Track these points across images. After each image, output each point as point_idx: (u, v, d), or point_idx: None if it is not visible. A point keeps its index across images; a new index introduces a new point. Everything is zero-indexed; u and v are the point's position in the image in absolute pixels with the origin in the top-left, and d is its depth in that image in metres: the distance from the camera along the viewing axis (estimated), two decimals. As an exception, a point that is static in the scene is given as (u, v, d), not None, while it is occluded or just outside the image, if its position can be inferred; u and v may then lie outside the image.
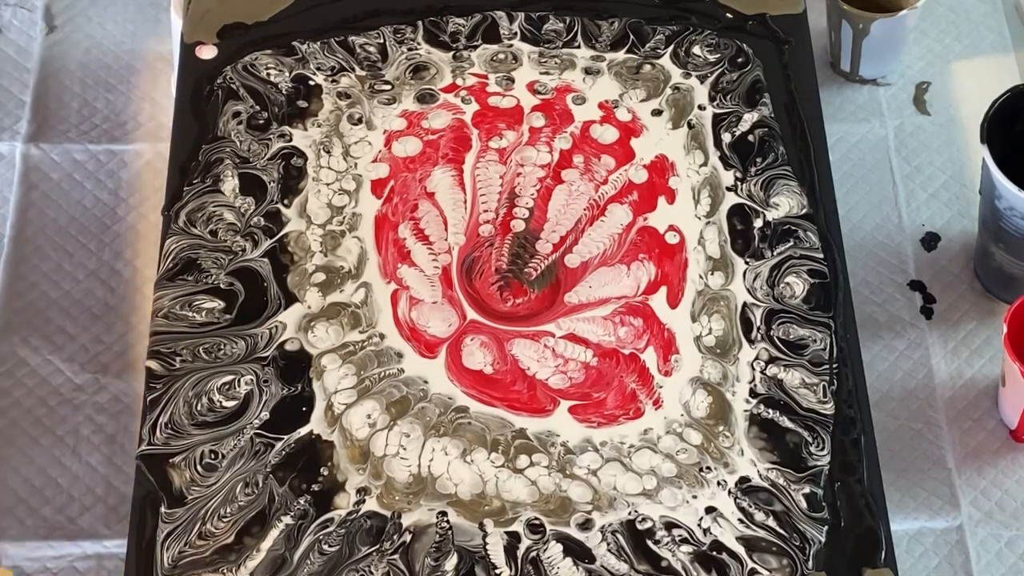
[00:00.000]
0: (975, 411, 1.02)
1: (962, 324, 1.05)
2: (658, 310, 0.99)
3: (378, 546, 0.91)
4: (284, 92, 1.07)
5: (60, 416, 1.01)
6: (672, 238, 1.01)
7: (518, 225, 1.02)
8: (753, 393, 0.96)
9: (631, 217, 1.02)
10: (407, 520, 0.92)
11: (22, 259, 1.08)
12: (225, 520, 0.92)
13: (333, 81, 1.07)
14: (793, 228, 1.01)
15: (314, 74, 1.08)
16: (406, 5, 1.11)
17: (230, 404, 0.95)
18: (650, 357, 0.97)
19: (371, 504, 0.92)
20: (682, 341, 0.98)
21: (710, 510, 0.92)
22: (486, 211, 1.02)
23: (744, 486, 0.93)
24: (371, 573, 0.90)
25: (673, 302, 0.99)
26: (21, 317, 1.06)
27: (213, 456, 0.94)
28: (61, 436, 1.00)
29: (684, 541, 0.91)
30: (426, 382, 0.96)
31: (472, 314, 0.99)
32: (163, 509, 0.92)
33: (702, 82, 1.07)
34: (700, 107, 1.06)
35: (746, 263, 1.00)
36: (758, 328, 0.98)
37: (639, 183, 1.04)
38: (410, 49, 1.09)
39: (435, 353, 0.97)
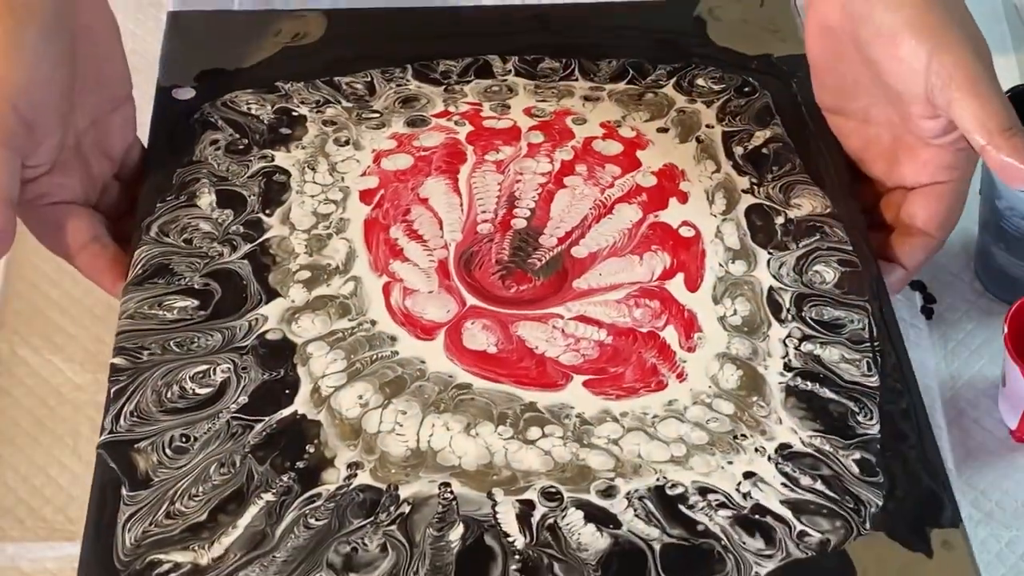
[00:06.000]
0: (975, 411, 0.98)
1: (962, 324, 1.02)
2: (676, 294, 0.90)
3: (372, 518, 0.80)
4: (266, 122, 1.00)
5: (60, 416, 0.95)
6: (687, 232, 0.94)
7: (519, 223, 0.94)
8: (788, 367, 0.87)
9: (641, 214, 0.95)
10: (405, 492, 0.81)
11: (22, 258, 1.03)
12: (196, 499, 0.81)
13: (318, 112, 1.01)
14: (818, 224, 0.94)
15: (298, 107, 1.01)
16: (393, 53, 1.06)
17: (204, 391, 0.85)
18: (671, 335, 0.88)
19: (363, 478, 0.81)
20: (705, 320, 0.89)
21: (749, 475, 0.82)
22: (484, 212, 0.95)
23: (785, 452, 0.83)
24: (365, 545, 0.79)
25: (692, 286, 0.91)
26: (21, 317, 1.01)
27: (184, 440, 0.83)
28: (61, 436, 0.94)
29: (722, 505, 0.80)
30: (423, 362, 0.87)
31: (472, 300, 0.90)
32: (124, 492, 0.81)
33: (708, 106, 1.02)
34: (708, 126, 1.00)
35: (769, 253, 0.92)
36: (788, 309, 0.89)
37: (648, 186, 0.97)
38: (399, 85, 1.03)
39: (432, 336, 0.88)
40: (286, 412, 0.84)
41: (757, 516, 0.80)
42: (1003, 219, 0.97)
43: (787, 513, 0.80)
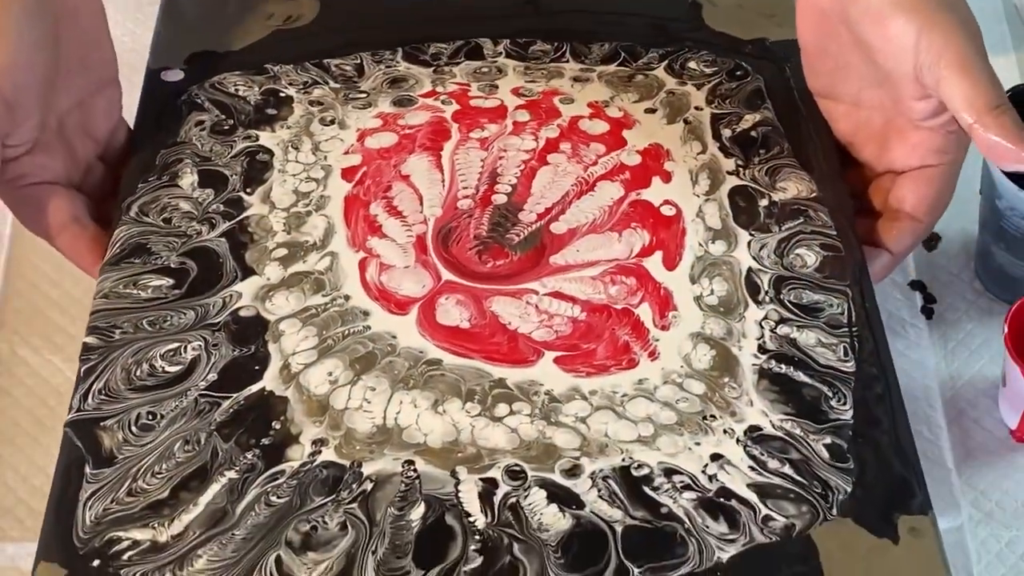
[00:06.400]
0: (975, 411, 0.97)
1: (962, 324, 1.01)
2: (653, 271, 0.89)
3: (334, 496, 0.79)
4: (252, 103, 1.00)
5: (60, 416, 0.92)
6: (668, 210, 0.93)
7: (499, 199, 0.93)
8: (762, 349, 0.85)
9: (623, 192, 0.94)
10: (368, 469, 0.80)
11: (22, 258, 1.04)
12: (159, 476, 0.80)
13: (305, 93, 1.00)
14: (803, 208, 0.92)
15: (285, 88, 1.01)
16: (385, 37, 1.05)
17: (174, 369, 0.85)
18: (645, 312, 0.87)
19: (328, 454, 0.81)
20: (680, 299, 0.88)
21: (716, 457, 0.80)
22: (465, 187, 0.94)
23: (755, 434, 0.81)
24: (325, 523, 0.78)
25: (670, 265, 0.89)
26: (21, 317, 1.01)
27: (151, 417, 0.82)
28: (61, 436, 0.91)
29: (687, 488, 0.79)
30: (394, 337, 0.86)
31: (448, 275, 0.89)
32: (88, 470, 0.80)
33: (699, 88, 1.00)
34: (697, 108, 0.99)
35: (751, 235, 0.91)
36: (766, 292, 0.88)
37: (632, 165, 0.95)
38: (388, 67, 1.03)
39: (406, 311, 0.87)
40: (254, 388, 0.83)
41: (722, 499, 0.79)
42: (1003, 219, 0.95)
43: (753, 497, 0.79)
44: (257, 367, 0.85)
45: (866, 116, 0.95)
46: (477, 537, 0.77)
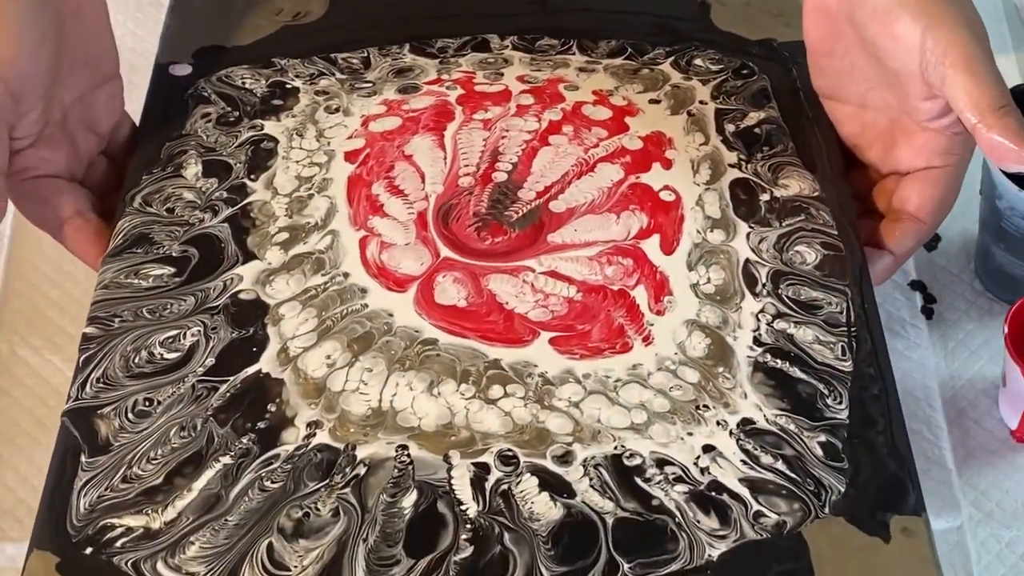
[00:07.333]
0: (975, 411, 0.96)
1: (962, 324, 1.01)
2: (650, 254, 0.89)
3: (327, 480, 0.79)
4: (259, 95, 1.00)
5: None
6: (667, 196, 0.93)
7: (500, 176, 0.94)
8: (758, 342, 0.85)
9: (622, 175, 0.94)
10: (362, 452, 0.80)
11: (22, 258, 1.04)
12: (154, 462, 0.80)
13: (312, 84, 1.01)
14: (804, 205, 0.92)
15: (292, 80, 1.01)
16: (393, 33, 1.05)
17: (172, 356, 0.85)
18: (640, 295, 0.87)
19: (322, 437, 0.81)
20: (676, 285, 0.88)
21: (708, 448, 0.80)
22: (467, 165, 0.94)
23: (748, 428, 0.81)
24: (317, 510, 0.78)
25: (667, 249, 0.90)
26: (21, 317, 1.02)
27: (148, 403, 0.83)
28: None
29: (679, 480, 0.79)
30: (391, 315, 0.86)
31: (447, 252, 0.90)
32: (83, 459, 0.81)
33: (704, 84, 1.00)
34: (702, 102, 0.99)
35: (750, 227, 0.91)
36: (763, 284, 0.88)
37: (633, 149, 0.95)
38: (395, 59, 1.03)
39: (404, 288, 0.88)
40: (250, 371, 0.84)
41: (713, 493, 0.78)
42: (1003, 219, 0.95)
43: (744, 492, 0.78)
44: (254, 348, 0.85)
45: (872, 117, 0.95)
46: (468, 526, 0.77)
